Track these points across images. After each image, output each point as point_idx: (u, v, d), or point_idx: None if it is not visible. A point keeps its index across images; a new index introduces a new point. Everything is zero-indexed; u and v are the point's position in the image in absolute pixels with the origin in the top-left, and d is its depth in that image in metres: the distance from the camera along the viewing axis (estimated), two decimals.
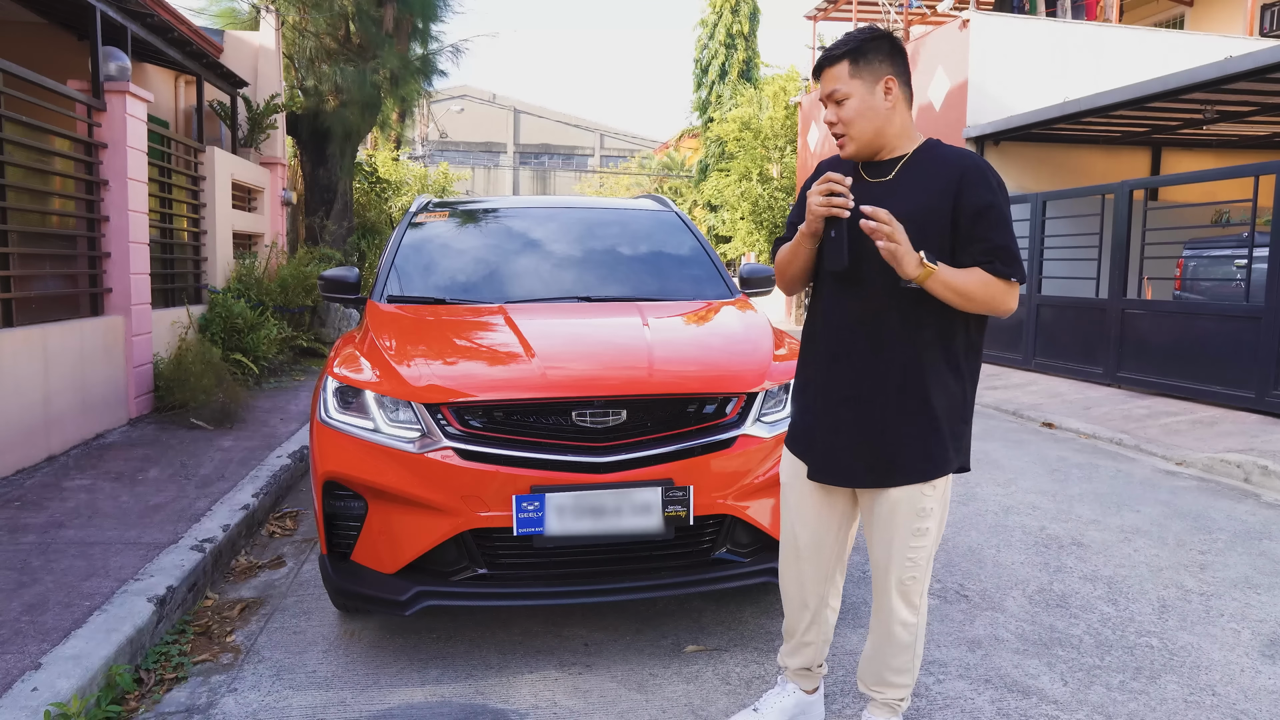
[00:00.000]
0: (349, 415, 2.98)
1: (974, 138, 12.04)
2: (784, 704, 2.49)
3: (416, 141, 28.26)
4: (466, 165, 40.40)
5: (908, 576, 2.23)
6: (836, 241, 2.15)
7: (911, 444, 2.16)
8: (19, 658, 2.68)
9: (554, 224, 4.67)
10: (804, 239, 2.23)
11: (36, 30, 7.85)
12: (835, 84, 2.16)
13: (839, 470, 2.26)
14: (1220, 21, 15.30)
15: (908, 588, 2.24)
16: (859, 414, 2.20)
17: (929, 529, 2.21)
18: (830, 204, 2.10)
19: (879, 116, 2.16)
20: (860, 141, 2.18)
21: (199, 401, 6.32)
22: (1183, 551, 4.22)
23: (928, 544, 2.22)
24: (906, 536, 2.20)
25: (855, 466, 2.22)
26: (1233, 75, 8.31)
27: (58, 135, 5.67)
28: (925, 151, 2.21)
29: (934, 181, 2.14)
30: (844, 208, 2.09)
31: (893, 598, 2.25)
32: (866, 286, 2.17)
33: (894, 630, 2.28)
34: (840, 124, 2.17)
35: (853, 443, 2.21)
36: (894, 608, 2.25)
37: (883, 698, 2.37)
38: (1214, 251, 9.35)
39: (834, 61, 2.16)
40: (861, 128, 2.16)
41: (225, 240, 8.71)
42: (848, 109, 2.15)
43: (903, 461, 2.17)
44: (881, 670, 2.34)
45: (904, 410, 2.16)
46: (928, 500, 2.19)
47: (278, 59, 10.81)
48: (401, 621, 3.28)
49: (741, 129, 21.58)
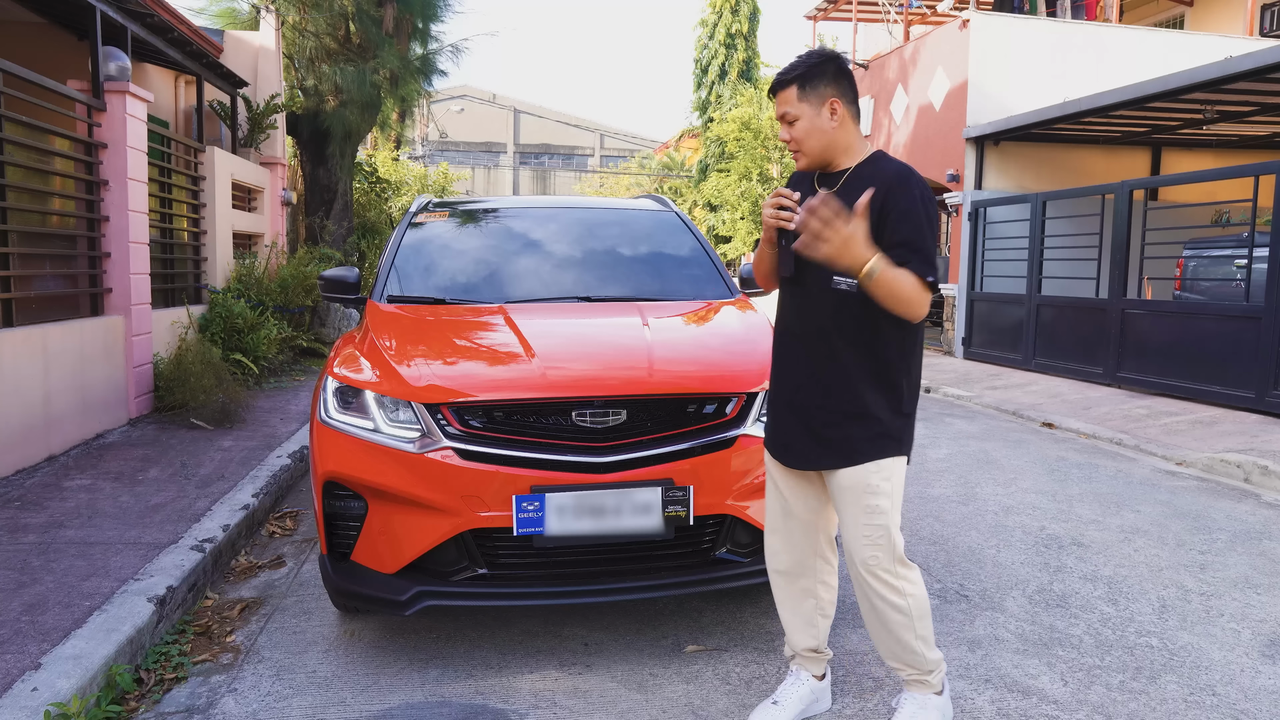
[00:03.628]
0: (349, 415, 2.98)
1: (974, 138, 12.04)
2: (800, 692, 2.61)
3: (416, 141, 28.27)
4: (466, 165, 40.41)
5: (869, 555, 2.36)
6: (785, 250, 2.40)
7: (846, 432, 2.35)
8: (19, 658, 2.68)
9: (554, 224, 4.66)
10: (765, 245, 2.51)
11: (36, 30, 7.85)
12: (786, 106, 2.37)
13: (791, 453, 2.47)
14: (1220, 21, 15.30)
15: (871, 566, 2.37)
16: (801, 404, 2.42)
17: (879, 507, 2.35)
18: (779, 217, 2.34)
19: (826, 134, 2.37)
20: (811, 156, 2.40)
21: (199, 401, 6.32)
22: (1183, 551, 4.22)
23: (882, 522, 2.35)
24: (859, 514, 2.35)
25: (802, 451, 2.44)
26: (1233, 75, 8.31)
27: (58, 135, 5.67)
28: (868, 164, 2.40)
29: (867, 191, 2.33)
30: (789, 220, 2.30)
31: (862, 575, 2.39)
32: (808, 289, 2.40)
33: (878, 607, 2.39)
34: (792, 141, 2.40)
35: (798, 430, 2.44)
36: (870, 584, 2.38)
37: (908, 674, 2.47)
38: (1214, 251, 9.36)
39: (784, 86, 2.38)
40: (811, 145, 2.38)
41: (225, 240, 8.71)
42: (798, 129, 2.37)
43: (840, 447, 2.36)
44: (894, 648, 2.44)
45: (840, 402, 2.36)
46: (873, 478, 2.35)
47: (278, 59, 10.81)
48: (401, 621, 3.28)
49: (741, 129, 21.59)
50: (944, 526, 4.54)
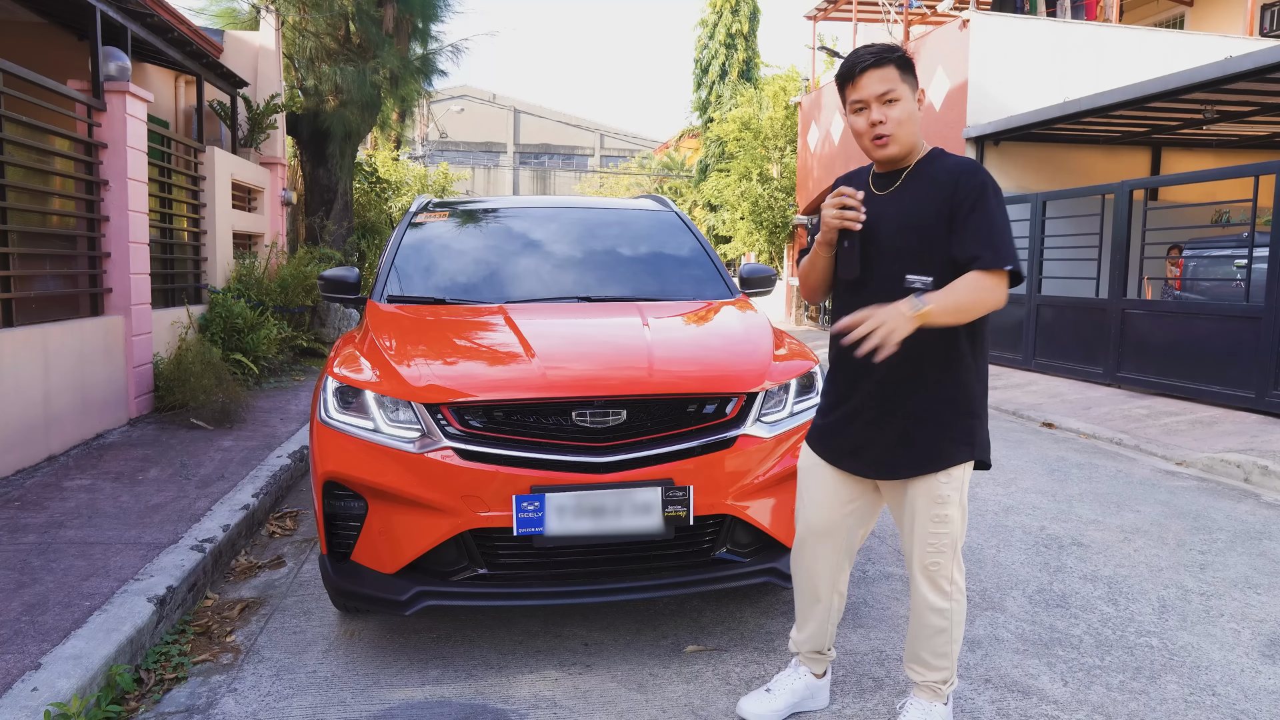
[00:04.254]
0: (349, 415, 2.98)
1: (974, 138, 12.04)
2: (795, 685, 2.62)
3: (416, 141, 28.26)
4: (466, 165, 40.41)
5: (930, 562, 2.34)
6: (849, 251, 2.30)
7: (920, 438, 2.29)
8: (19, 658, 2.68)
9: (554, 224, 4.66)
10: (821, 248, 2.37)
11: (36, 30, 7.85)
12: (889, 84, 2.21)
13: (857, 462, 2.40)
14: (1220, 21, 15.30)
15: (932, 573, 2.35)
16: (871, 411, 2.34)
17: (949, 516, 2.31)
18: (843, 217, 2.22)
19: (917, 124, 2.27)
20: (905, 144, 2.26)
21: (199, 401, 6.32)
22: (1183, 551, 4.22)
23: (950, 530, 2.32)
24: (927, 524, 2.32)
25: (871, 459, 2.37)
26: (1233, 75, 8.30)
27: (58, 135, 5.67)
28: (928, 161, 2.32)
29: (934, 187, 2.26)
30: (855, 220, 2.21)
31: (920, 582, 2.37)
32: (875, 292, 2.26)
33: (925, 615, 2.38)
34: (890, 124, 2.22)
35: (868, 437, 2.36)
36: (923, 592, 2.37)
37: (922, 679, 2.46)
38: (1213, 251, 9.36)
39: (884, 64, 2.22)
40: (906, 131, 2.24)
41: (225, 240, 8.71)
42: (899, 110, 2.22)
43: (913, 454, 2.30)
44: (919, 651, 2.44)
45: (910, 407, 2.29)
46: (944, 488, 2.30)
47: (278, 59, 10.81)
48: (401, 621, 3.28)
49: (741, 129, 21.58)
50: None
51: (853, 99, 2.27)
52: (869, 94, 2.23)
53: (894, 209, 2.27)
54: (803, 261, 2.51)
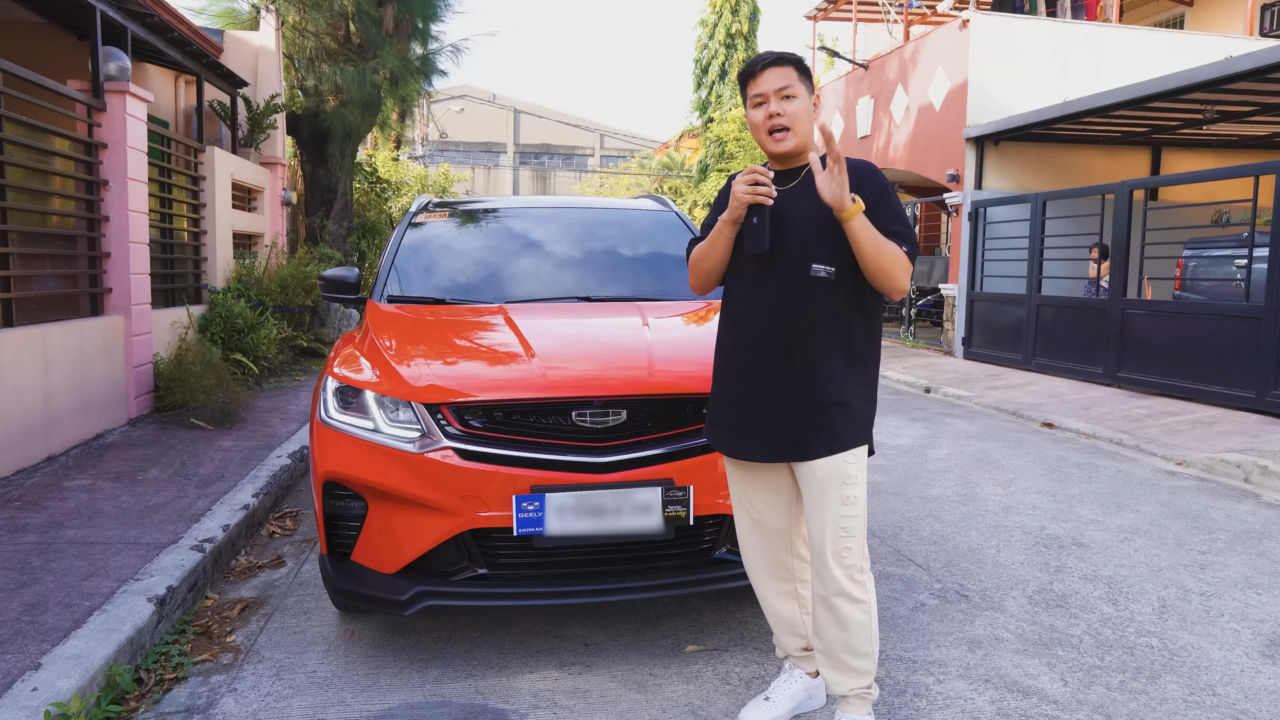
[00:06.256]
0: (349, 415, 2.98)
1: (974, 138, 12.04)
2: (793, 689, 2.62)
3: (416, 141, 28.26)
4: (466, 165, 40.42)
5: (843, 547, 2.35)
6: (758, 227, 2.33)
7: (825, 421, 2.33)
8: (19, 658, 2.68)
9: (554, 224, 4.66)
10: (725, 226, 2.40)
11: (36, 30, 7.85)
12: (787, 81, 2.34)
13: (760, 446, 2.41)
14: (1220, 21, 15.30)
15: (844, 558, 2.35)
16: (775, 394, 2.36)
17: (855, 497, 2.36)
18: (755, 192, 2.28)
19: (812, 121, 2.38)
20: (801, 137, 2.37)
21: (199, 401, 6.32)
22: (1183, 551, 4.22)
23: (857, 512, 2.36)
24: (837, 505, 2.34)
25: (773, 442, 2.38)
26: (1233, 75, 8.30)
27: (58, 135, 5.67)
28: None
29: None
30: (768, 195, 2.28)
31: (833, 568, 2.35)
32: (782, 271, 2.35)
33: (842, 606, 2.36)
34: (787, 118, 2.34)
35: (771, 421, 2.37)
36: (837, 579, 2.35)
37: (849, 688, 2.43)
38: (1214, 251, 9.36)
39: (783, 63, 2.36)
40: (803, 126, 2.36)
41: (225, 240, 8.71)
42: (796, 106, 2.34)
43: (817, 438, 2.33)
44: (838, 654, 2.40)
45: (816, 391, 2.33)
46: (850, 468, 2.35)
47: (278, 59, 10.81)
48: (401, 621, 3.28)
49: (741, 129, 21.58)
50: (944, 526, 4.54)
51: (753, 93, 2.38)
52: (768, 88, 2.35)
53: (798, 202, 2.35)
54: (697, 248, 2.52)
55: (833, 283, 2.31)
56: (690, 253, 2.57)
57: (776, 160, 2.44)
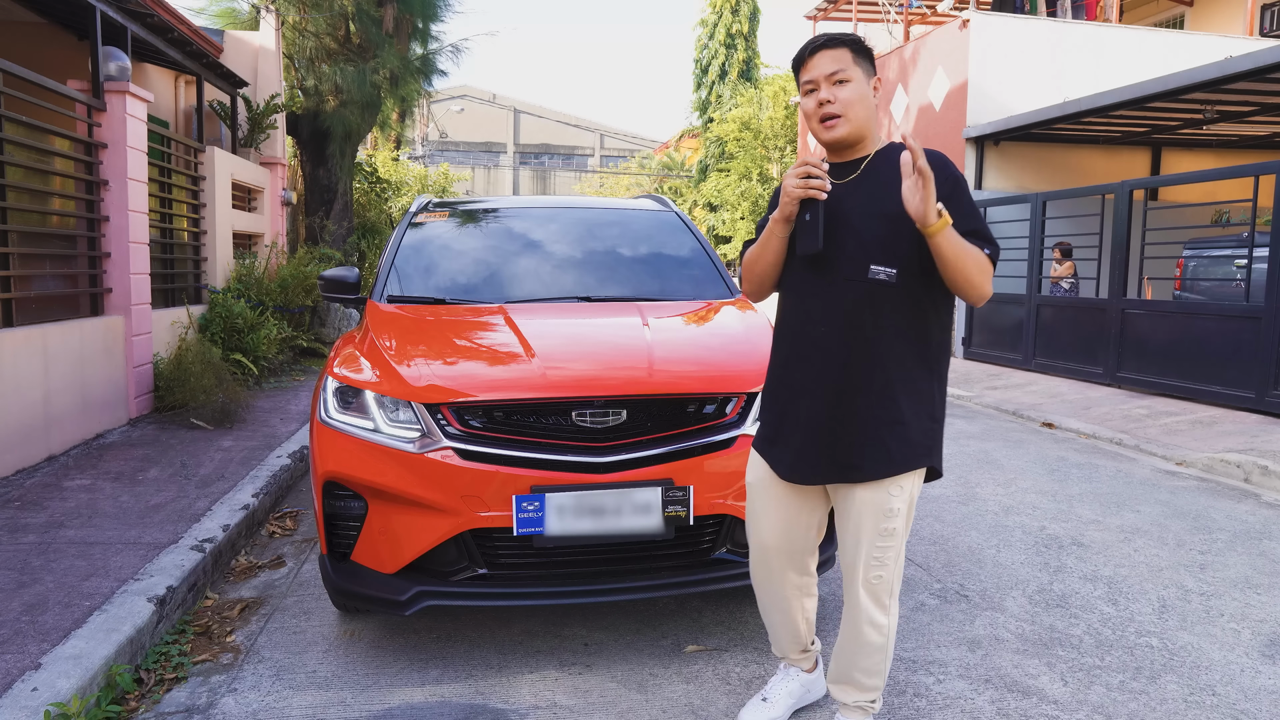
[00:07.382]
0: (349, 415, 2.98)
1: (974, 138, 12.04)
2: (790, 688, 2.60)
3: (416, 141, 28.26)
4: (466, 165, 40.43)
5: (874, 575, 2.26)
6: (811, 224, 2.13)
7: (876, 440, 2.17)
8: (19, 658, 2.68)
9: (554, 224, 4.66)
10: (777, 225, 2.22)
11: (36, 30, 7.85)
12: (839, 65, 2.14)
13: (808, 469, 2.26)
14: (1220, 21, 15.30)
15: (874, 587, 2.27)
16: (827, 411, 2.20)
17: (895, 529, 2.23)
18: (808, 185, 2.10)
19: (870, 107, 2.19)
20: (855, 124, 2.17)
21: (199, 401, 6.32)
22: (1183, 551, 4.22)
23: (893, 544, 2.24)
24: (873, 536, 2.22)
25: (822, 464, 2.23)
26: (1233, 75, 8.31)
27: (58, 135, 5.67)
28: (888, 152, 2.23)
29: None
30: (821, 189, 2.09)
31: (861, 595, 2.27)
32: (837, 274, 2.17)
33: (863, 629, 2.29)
34: (838, 104, 2.15)
35: (820, 440, 2.22)
36: (863, 605, 2.28)
37: (852, 700, 2.40)
38: (1214, 251, 9.36)
39: (836, 45, 2.16)
40: (858, 112, 2.16)
41: (225, 240, 8.71)
42: (849, 91, 2.15)
43: (867, 458, 2.18)
44: (850, 670, 2.37)
45: (869, 407, 2.17)
46: (894, 501, 2.21)
47: (278, 59, 10.81)
48: (401, 621, 3.28)
49: (741, 129, 21.60)
50: (944, 526, 4.54)
51: (804, 80, 2.20)
52: (819, 73, 2.16)
53: (856, 198, 2.17)
54: (750, 250, 2.33)
55: (894, 286, 2.11)
56: (743, 255, 2.40)
57: (831, 151, 2.25)
